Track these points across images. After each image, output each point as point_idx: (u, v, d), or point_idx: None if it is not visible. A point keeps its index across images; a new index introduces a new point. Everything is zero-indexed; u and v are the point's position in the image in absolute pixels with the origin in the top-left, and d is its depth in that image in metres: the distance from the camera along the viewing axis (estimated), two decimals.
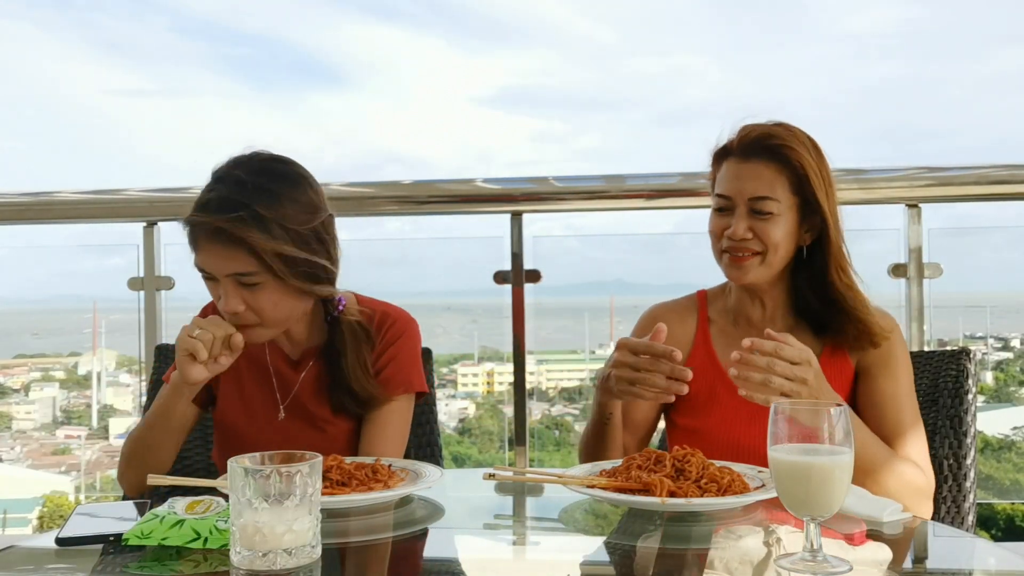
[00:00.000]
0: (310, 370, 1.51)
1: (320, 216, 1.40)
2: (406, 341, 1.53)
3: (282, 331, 1.45)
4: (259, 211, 1.31)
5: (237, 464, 0.94)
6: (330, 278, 1.43)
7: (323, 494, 1.15)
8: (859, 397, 1.49)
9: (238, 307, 1.34)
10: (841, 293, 1.46)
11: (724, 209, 1.50)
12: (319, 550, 0.97)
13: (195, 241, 1.35)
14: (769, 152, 1.45)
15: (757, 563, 0.99)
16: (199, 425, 1.57)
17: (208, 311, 1.54)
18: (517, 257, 2.36)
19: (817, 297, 1.49)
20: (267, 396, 1.51)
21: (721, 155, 1.52)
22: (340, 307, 1.49)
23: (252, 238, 1.29)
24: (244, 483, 0.93)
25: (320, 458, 0.98)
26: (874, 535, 1.09)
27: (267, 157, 1.40)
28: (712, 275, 1.61)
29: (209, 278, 1.37)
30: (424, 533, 1.16)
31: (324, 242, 1.40)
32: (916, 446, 1.44)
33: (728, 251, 1.49)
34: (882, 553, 1.05)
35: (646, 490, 1.14)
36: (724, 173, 1.50)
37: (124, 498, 1.71)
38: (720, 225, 1.50)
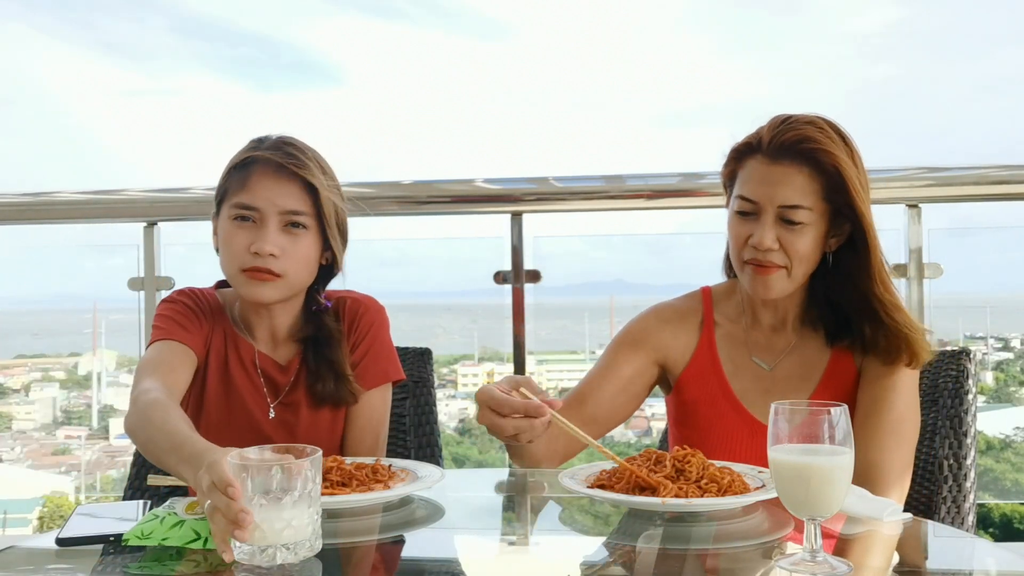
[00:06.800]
0: (298, 369, 1.49)
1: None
2: (378, 331, 1.52)
3: (287, 296, 1.43)
4: (317, 162, 1.40)
5: (237, 460, 0.94)
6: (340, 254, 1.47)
7: (323, 494, 1.15)
8: (857, 404, 1.42)
9: (276, 249, 1.36)
10: (883, 305, 1.37)
11: (748, 213, 1.38)
12: (319, 545, 0.97)
13: (246, 179, 1.38)
14: (803, 155, 1.33)
15: (757, 563, 0.99)
16: None
17: (184, 296, 1.47)
18: (517, 257, 2.36)
19: (845, 305, 1.41)
20: (257, 398, 1.48)
21: (744, 151, 1.40)
22: (327, 304, 1.51)
23: (314, 179, 1.37)
24: (244, 478, 0.93)
25: (320, 452, 0.98)
26: (874, 535, 1.10)
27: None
28: (712, 276, 1.60)
29: (246, 219, 1.37)
30: (424, 533, 1.16)
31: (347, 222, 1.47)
32: (893, 490, 1.34)
33: (752, 262, 1.38)
34: (882, 553, 1.05)
35: (650, 488, 1.14)
36: (749, 173, 1.38)
37: (124, 499, 1.71)
38: (744, 231, 1.38)
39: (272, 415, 1.47)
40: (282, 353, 1.50)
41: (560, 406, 1.15)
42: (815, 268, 1.41)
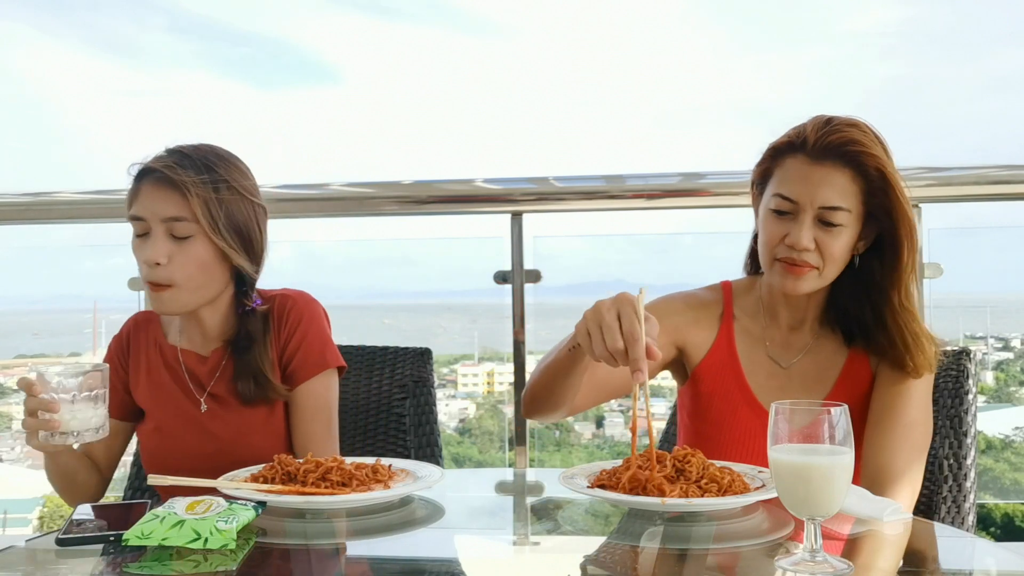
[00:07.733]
0: (222, 364, 1.52)
1: (256, 200, 1.48)
2: (309, 322, 1.53)
3: (194, 304, 1.45)
4: (203, 167, 1.41)
5: (40, 369, 1.22)
6: (254, 261, 1.48)
7: (323, 494, 1.16)
8: (870, 407, 1.42)
9: (161, 257, 1.39)
10: (897, 313, 1.37)
11: (785, 212, 1.36)
12: (105, 431, 1.25)
13: (136, 192, 1.43)
14: (847, 157, 1.33)
15: (757, 563, 0.99)
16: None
17: (126, 331, 1.60)
18: (517, 257, 2.36)
19: (863, 308, 1.41)
20: (186, 393, 1.52)
21: (785, 150, 1.39)
22: (256, 303, 1.53)
23: (193, 186, 1.38)
24: (42, 385, 1.22)
25: (107, 368, 1.24)
26: (874, 535, 1.10)
27: (210, 145, 1.49)
28: (712, 275, 1.59)
29: (141, 233, 1.42)
30: (424, 533, 1.16)
31: (255, 226, 1.47)
32: (902, 495, 1.32)
33: (784, 260, 1.37)
34: (888, 554, 1.05)
35: (654, 485, 1.13)
36: (789, 172, 1.37)
37: (124, 499, 1.71)
38: (780, 230, 1.36)
39: (204, 408, 1.51)
40: (208, 349, 1.54)
41: (659, 357, 1.14)
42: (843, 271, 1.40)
